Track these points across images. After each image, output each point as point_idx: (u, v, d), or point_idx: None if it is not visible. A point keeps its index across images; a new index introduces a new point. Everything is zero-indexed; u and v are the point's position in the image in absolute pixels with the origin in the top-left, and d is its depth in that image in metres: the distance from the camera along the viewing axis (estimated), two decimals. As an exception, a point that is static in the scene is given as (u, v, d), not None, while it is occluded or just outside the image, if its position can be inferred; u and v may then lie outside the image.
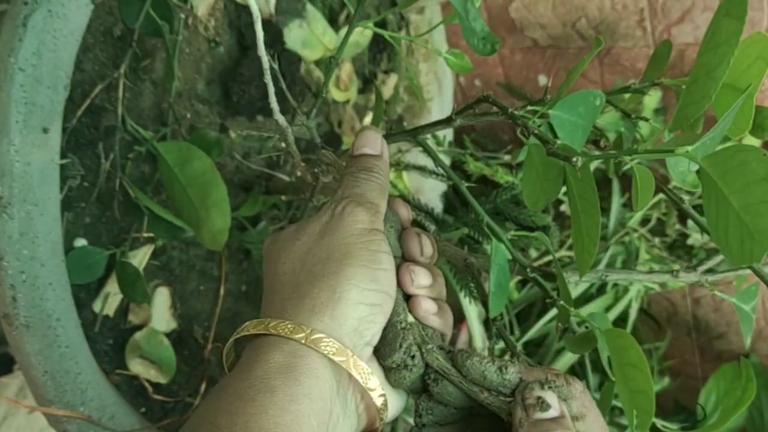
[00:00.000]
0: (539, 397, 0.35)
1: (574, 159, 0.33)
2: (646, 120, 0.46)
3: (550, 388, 0.35)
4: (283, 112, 0.45)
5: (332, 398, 0.34)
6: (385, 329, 0.38)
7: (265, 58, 0.40)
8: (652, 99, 0.87)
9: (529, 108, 0.40)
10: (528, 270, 0.43)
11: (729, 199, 0.28)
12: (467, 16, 0.42)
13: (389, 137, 0.48)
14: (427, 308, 0.40)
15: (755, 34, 0.36)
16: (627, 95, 0.49)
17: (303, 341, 0.33)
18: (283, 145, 0.47)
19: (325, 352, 0.34)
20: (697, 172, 0.38)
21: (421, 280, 0.40)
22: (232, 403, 0.31)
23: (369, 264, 0.36)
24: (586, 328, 0.42)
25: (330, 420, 0.34)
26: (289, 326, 0.34)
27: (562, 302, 0.41)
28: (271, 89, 0.42)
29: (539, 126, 0.39)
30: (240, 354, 0.37)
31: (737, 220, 0.28)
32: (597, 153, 0.38)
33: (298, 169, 0.46)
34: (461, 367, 0.37)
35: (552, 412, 0.34)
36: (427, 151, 0.46)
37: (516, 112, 0.39)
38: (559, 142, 0.36)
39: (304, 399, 0.32)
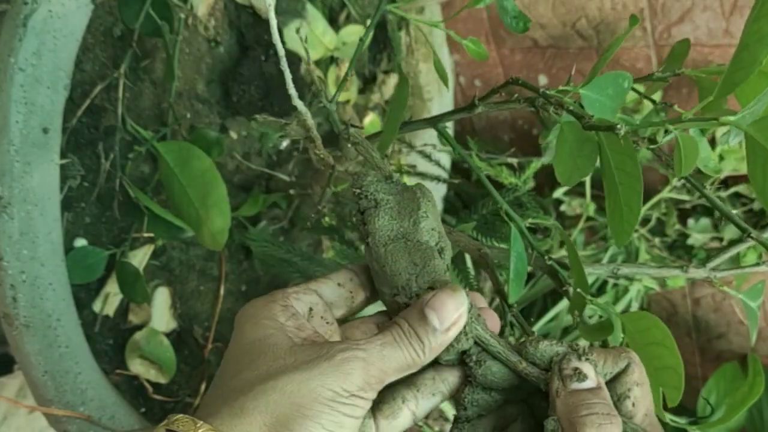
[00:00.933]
0: (576, 368, 0.35)
1: (618, 126, 0.33)
2: (671, 106, 0.46)
3: (587, 359, 0.35)
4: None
5: None
6: None
7: (279, 44, 0.40)
8: (654, 96, 0.87)
9: (561, 88, 0.40)
10: (546, 258, 0.44)
11: None
12: None
13: (408, 126, 0.48)
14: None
15: None
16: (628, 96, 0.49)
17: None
18: (284, 145, 0.47)
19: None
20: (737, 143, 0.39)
21: None
22: None
23: (327, 425, 0.32)
24: (600, 317, 0.42)
25: None
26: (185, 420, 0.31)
27: (578, 290, 0.41)
28: (288, 75, 0.42)
29: (573, 103, 0.39)
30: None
31: None
32: (639, 123, 0.38)
33: (319, 153, 0.46)
34: (533, 354, 0.36)
35: (589, 383, 0.34)
36: (445, 137, 0.47)
37: (548, 91, 0.40)
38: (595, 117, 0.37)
39: None
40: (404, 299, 0.37)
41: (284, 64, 0.40)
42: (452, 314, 0.35)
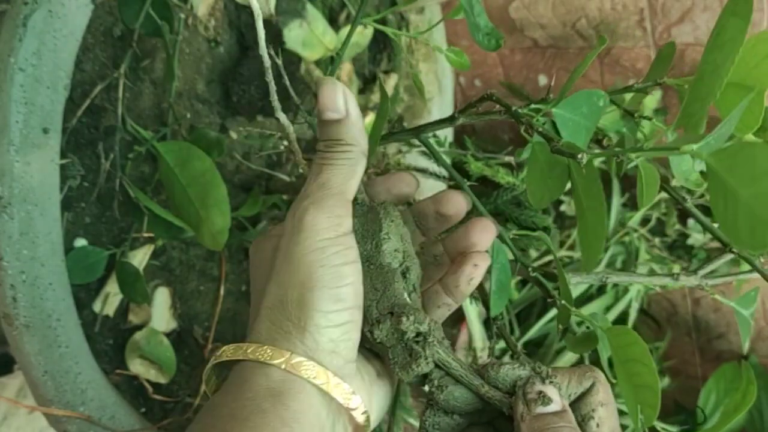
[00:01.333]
0: (540, 392, 0.35)
1: (579, 156, 0.33)
2: (649, 119, 0.46)
3: (551, 382, 0.35)
4: (284, 110, 0.45)
5: (322, 420, 0.34)
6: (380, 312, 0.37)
7: (265, 56, 0.40)
8: (651, 99, 0.87)
9: (533, 106, 0.40)
10: (530, 270, 0.43)
11: (737, 191, 0.29)
12: (472, 12, 0.42)
13: (393, 136, 0.48)
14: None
15: (762, 32, 0.36)
16: (629, 95, 0.49)
17: (283, 366, 0.33)
18: (285, 144, 0.47)
19: (306, 376, 0.33)
20: (702, 171, 0.38)
21: None
22: (226, 422, 0.31)
23: (331, 284, 0.34)
24: (588, 328, 0.42)
25: None
26: (268, 351, 0.34)
27: (563, 302, 0.41)
28: (272, 87, 0.42)
29: (543, 124, 0.39)
30: (221, 376, 0.37)
31: (747, 210, 0.29)
32: (601, 151, 0.38)
33: (300, 167, 0.46)
34: (494, 379, 0.36)
35: (554, 406, 0.34)
36: (430, 149, 0.46)
37: (520, 110, 0.39)
38: (563, 140, 0.36)
39: (294, 423, 0.32)
40: (367, 326, 0.37)
41: (269, 76, 0.40)
42: (338, 97, 0.37)
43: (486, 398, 0.36)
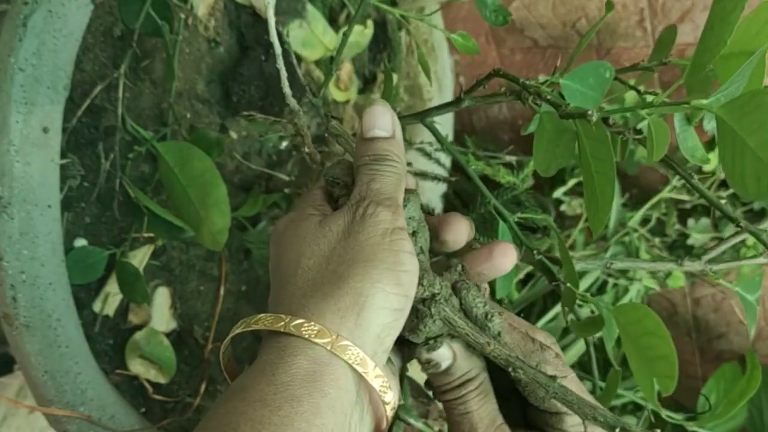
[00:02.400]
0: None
1: (589, 113, 0.33)
2: (656, 94, 0.46)
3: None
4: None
5: (351, 409, 0.33)
6: None
7: (276, 42, 0.40)
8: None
9: (541, 78, 0.40)
10: (534, 253, 0.44)
11: (745, 140, 0.29)
12: None
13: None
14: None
15: (763, 2, 0.37)
16: (631, 81, 0.49)
17: (329, 347, 0.32)
18: (283, 145, 0.47)
19: (350, 361, 0.33)
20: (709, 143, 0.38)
21: None
22: (257, 409, 0.30)
23: (393, 266, 0.35)
24: (592, 313, 0.42)
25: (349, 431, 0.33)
26: (314, 328, 0.33)
27: (568, 284, 0.41)
28: (284, 74, 0.42)
29: (552, 93, 0.39)
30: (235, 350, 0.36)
31: (753, 158, 0.29)
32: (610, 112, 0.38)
33: (308, 150, 0.46)
34: (458, 292, 0.38)
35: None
36: (434, 134, 0.46)
37: (528, 82, 0.39)
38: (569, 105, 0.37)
39: (329, 412, 0.31)
40: None
41: (280, 62, 0.41)
42: (387, 118, 0.40)
43: (491, 357, 0.36)
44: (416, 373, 0.50)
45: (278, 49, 0.40)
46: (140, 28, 0.59)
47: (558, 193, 0.93)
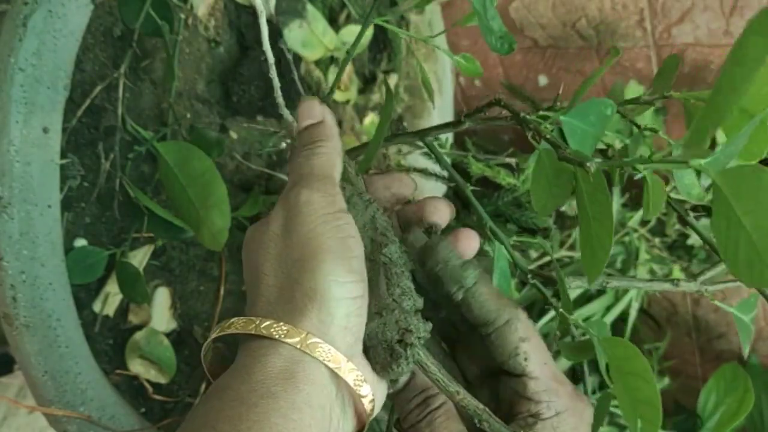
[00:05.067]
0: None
1: (588, 164, 0.33)
2: (656, 131, 0.46)
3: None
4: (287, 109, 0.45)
5: (331, 404, 0.34)
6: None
7: (269, 51, 0.40)
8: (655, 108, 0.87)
9: (541, 113, 0.40)
10: (529, 276, 0.43)
11: (741, 219, 0.28)
12: (486, 15, 0.42)
13: (396, 138, 0.48)
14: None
15: None
16: (627, 94, 0.49)
17: (298, 346, 0.33)
18: (287, 141, 0.47)
19: (321, 358, 0.33)
20: (709, 187, 0.38)
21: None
22: (234, 408, 0.30)
23: (342, 254, 0.35)
24: (583, 335, 0.42)
25: (331, 426, 0.33)
26: (284, 328, 0.33)
27: (561, 309, 0.41)
28: (276, 83, 0.42)
29: (551, 132, 0.39)
30: (218, 351, 0.36)
31: (748, 241, 0.28)
32: (608, 160, 0.38)
33: None
34: (432, 249, 0.38)
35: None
36: (433, 153, 0.46)
37: (528, 117, 0.39)
38: (570, 148, 0.36)
39: (305, 407, 0.31)
40: None
41: (273, 72, 0.41)
42: (314, 107, 0.41)
43: (460, 406, 0.36)
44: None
45: (271, 59, 0.41)
46: (140, 28, 0.59)
47: (558, 193, 0.93)
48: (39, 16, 0.50)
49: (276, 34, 0.73)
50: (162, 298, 0.67)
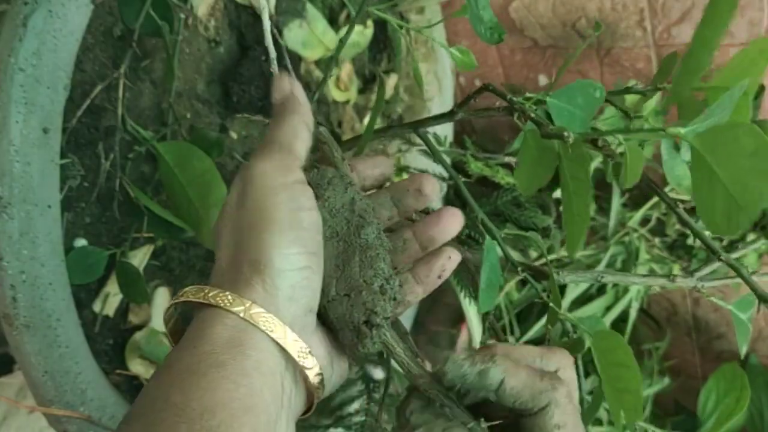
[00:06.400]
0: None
1: (566, 134, 0.33)
2: (644, 119, 0.46)
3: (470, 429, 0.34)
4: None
5: (282, 372, 0.34)
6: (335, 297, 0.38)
7: (271, 47, 0.40)
8: (652, 99, 0.87)
9: (528, 95, 0.40)
10: (520, 269, 0.44)
11: (718, 173, 0.29)
12: (477, 5, 0.42)
13: (390, 130, 0.48)
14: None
15: (754, 41, 0.37)
16: (628, 96, 0.49)
17: (242, 315, 0.33)
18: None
19: (263, 328, 0.33)
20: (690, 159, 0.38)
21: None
22: (184, 378, 0.31)
23: (288, 226, 0.35)
24: (575, 332, 0.42)
25: (284, 393, 0.34)
26: (229, 297, 0.33)
27: (551, 304, 0.41)
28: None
29: (536, 111, 0.39)
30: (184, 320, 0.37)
31: (724, 192, 0.29)
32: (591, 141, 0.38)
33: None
34: (442, 375, 0.36)
35: None
36: (427, 145, 0.46)
37: (515, 98, 0.39)
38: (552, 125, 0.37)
39: (254, 372, 0.32)
40: (324, 300, 0.39)
41: (275, 67, 0.41)
42: (283, 81, 0.41)
43: (423, 389, 0.36)
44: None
45: (272, 54, 0.41)
46: (140, 28, 0.59)
47: (558, 192, 0.93)
48: (39, 16, 0.50)
49: (276, 34, 0.73)
50: (162, 298, 0.67)
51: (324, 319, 0.39)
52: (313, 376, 0.36)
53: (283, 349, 0.34)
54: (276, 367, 0.33)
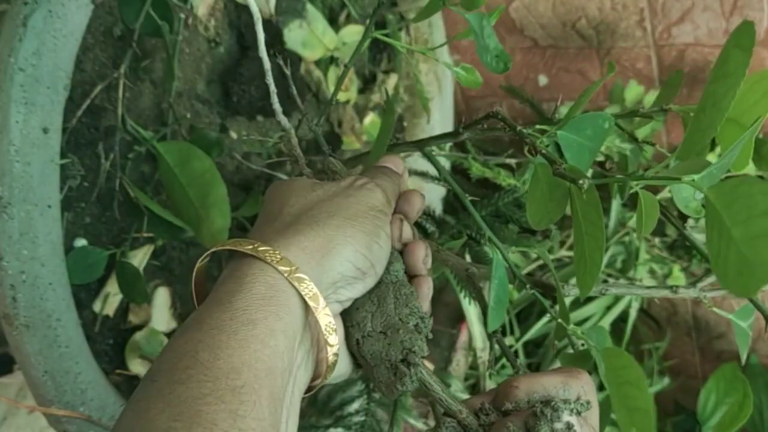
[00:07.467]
0: None
1: (581, 182, 0.33)
2: (653, 144, 0.46)
3: None
4: (286, 113, 0.45)
5: (298, 341, 0.34)
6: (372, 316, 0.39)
7: (265, 57, 0.40)
8: (651, 96, 0.87)
9: (538, 127, 0.40)
10: (528, 286, 0.44)
11: (731, 230, 0.28)
12: (482, 34, 0.42)
13: (395, 148, 0.49)
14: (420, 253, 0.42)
15: (763, 71, 0.36)
16: (628, 92, 0.49)
17: (286, 275, 0.33)
18: (284, 147, 0.47)
19: (304, 293, 0.34)
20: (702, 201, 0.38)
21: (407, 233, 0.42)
22: (214, 336, 0.31)
23: (370, 233, 0.37)
24: (583, 345, 0.42)
25: (294, 362, 0.34)
26: (278, 256, 0.34)
27: (559, 319, 0.41)
28: (273, 90, 0.42)
29: (547, 146, 0.39)
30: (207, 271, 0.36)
31: (737, 251, 0.28)
32: (603, 175, 0.38)
33: (303, 170, 0.46)
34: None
35: None
36: (433, 164, 0.47)
37: (524, 131, 0.39)
38: (565, 164, 0.36)
39: (281, 335, 0.32)
40: (359, 334, 0.39)
41: (269, 78, 0.41)
42: (400, 163, 0.45)
43: (463, 424, 0.37)
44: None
45: (267, 64, 0.41)
46: (140, 28, 0.59)
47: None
48: (39, 16, 0.50)
49: (276, 34, 0.73)
50: (162, 298, 0.67)
51: (357, 352, 0.39)
52: (332, 354, 0.36)
53: (308, 319, 0.35)
54: (297, 334, 0.34)
